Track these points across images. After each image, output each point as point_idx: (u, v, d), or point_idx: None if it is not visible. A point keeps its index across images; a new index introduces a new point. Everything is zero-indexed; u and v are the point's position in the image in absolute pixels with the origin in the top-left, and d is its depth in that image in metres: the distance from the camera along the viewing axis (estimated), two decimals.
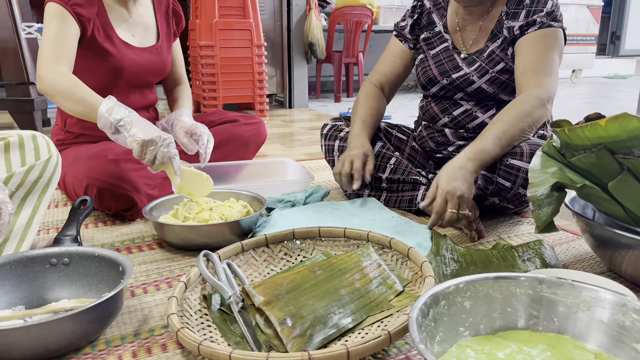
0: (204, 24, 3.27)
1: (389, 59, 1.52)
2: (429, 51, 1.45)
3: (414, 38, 1.49)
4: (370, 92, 1.49)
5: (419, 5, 1.49)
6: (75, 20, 1.37)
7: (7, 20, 2.16)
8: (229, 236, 1.16)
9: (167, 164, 1.21)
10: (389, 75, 1.51)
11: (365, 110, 1.45)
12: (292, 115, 3.72)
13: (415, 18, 1.48)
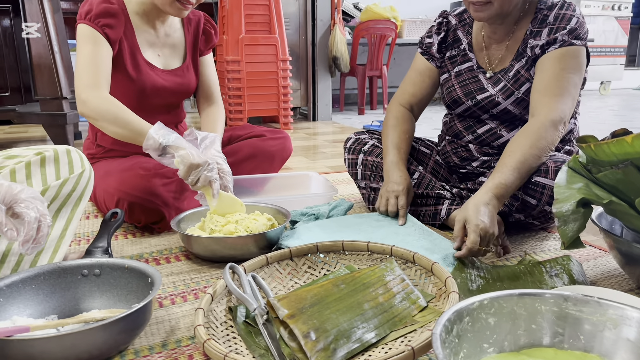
0: (230, 39, 3.34)
1: (418, 78, 1.50)
2: (452, 70, 1.45)
3: (440, 57, 1.48)
4: (400, 114, 1.47)
5: (445, 22, 1.48)
6: (108, 41, 1.41)
7: (42, 37, 2.25)
8: (254, 248, 1.18)
9: (207, 187, 1.26)
10: (419, 96, 1.49)
11: (399, 135, 1.42)
12: (315, 128, 3.75)
13: (443, 36, 1.47)
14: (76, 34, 1.43)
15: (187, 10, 1.46)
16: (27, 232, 0.78)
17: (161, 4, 1.44)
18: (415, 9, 5.07)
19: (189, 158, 1.23)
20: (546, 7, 1.31)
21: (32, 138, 3.29)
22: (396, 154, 1.39)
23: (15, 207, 0.79)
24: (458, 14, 1.48)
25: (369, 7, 4.31)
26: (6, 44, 3.69)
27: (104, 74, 1.39)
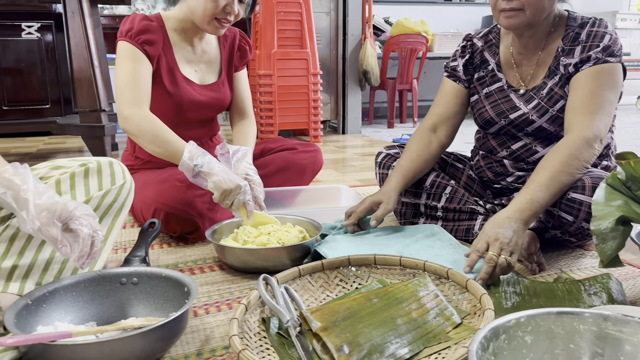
0: (263, 54, 3.39)
1: (443, 99, 1.49)
2: (482, 91, 1.44)
3: (468, 78, 1.47)
4: (417, 136, 1.46)
5: (469, 44, 1.47)
6: (147, 58, 1.45)
7: (83, 52, 2.33)
8: (286, 260, 1.19)
9: (241, 208, 1.30)
10: (444, 116, 1.47)
11: (407, 155, 1.43)
12: (345, 141, 3.77)
13: (467, 57, 1.46)
14: (117, 51, 1.48)
15: (224, 29, 1.50)
16: (82, 248, 0.82)
17: (200, 23, 1.48)
18: (446, 23, 5.06)
19: (221, 184, 1.27)
20: (577, 24, 1.29)
21: (71, 149, 3.40)
22: (395, 171, 1.40)
23: (70, 223, 0.83)
24: (483, 35, 1.47)
25: (400, 22, 4.33)
26: (48, 58, 3.85)
27: (145, 91, 1.43)
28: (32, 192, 0.82)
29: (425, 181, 1.44)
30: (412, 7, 4.94)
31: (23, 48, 3.76)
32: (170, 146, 1.34)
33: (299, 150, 1.82)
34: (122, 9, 4.59)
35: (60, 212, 0.82)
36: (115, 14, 4.54)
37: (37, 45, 3.79)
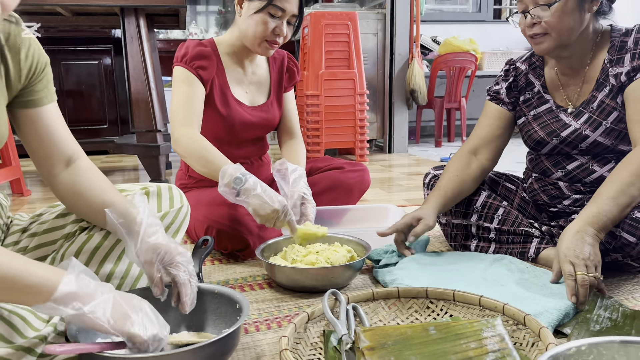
0: (311, 75, 3.45)
1: (486, 122, 1.47)
2: (529, 112, 1.41)
3: (512, 101, 1.44)
4: (457, 158, 1.45)
5: (512, 68, 1.45)
6: (201, 82, 1.52)
7: (141, 75, 2.45)
8: (335, 280, 1.19)
9: (285, 227, 1.33)
10: (486, 138, 1.45)
11: (446, 175, 1.42)
12: (391, 160, 3.75)
13: (511, 81, 1.44)
14: (173, 76, 1.55)
15: (274, 50, 1.56)
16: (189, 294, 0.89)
17: (250, 45, 1.54)
18: (495, 41, 4.99)
19: (259, 211, 1.28)
20: (621, 34, 1.26)
21: (126, 167, 3.55)
22: (433, 192, 1.39)
23: (170, 268, 0.88)
24: (526, 59, 1.45)
25: (448, 41, 4.30)
26: (107, 80, 4.05)
27: (196, 114, 1.49)
28: (143, 228, 0.88)
29: (476, 202, 1.41)
30: (461, 25, 4.91)
31: (84, 71, 3.97)
32: (214, 166, 1.37)
33: (347, 170, 1.83)
34: (176, 33, 4.79)
35: (163, 255, 0.88)
36: (170, 38, 4.75)
37: (96, 68, 4.01)
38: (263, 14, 1.48)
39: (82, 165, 0.99)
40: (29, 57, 0.92)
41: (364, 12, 3.90)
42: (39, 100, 0.94)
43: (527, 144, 1.44)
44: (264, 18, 1.48)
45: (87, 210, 0.98)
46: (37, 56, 0.94)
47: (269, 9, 1.47)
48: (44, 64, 0.96)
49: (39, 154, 0.96)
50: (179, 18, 2.81)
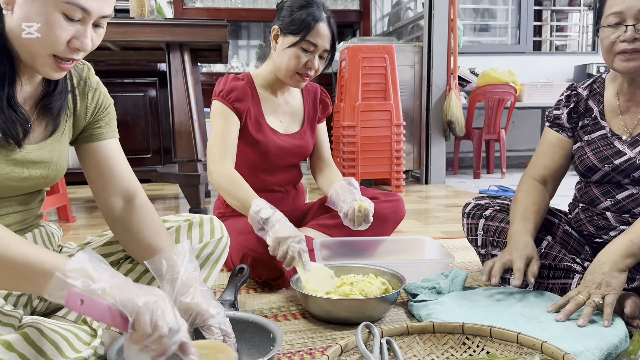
0: (347, 106, 3.50)
1: (549, 150, 1.43)
2: (583, 138, 1.39)
3: (572, 126, 1.42)
4: (529, 186, 1.40)
5: (574, 94, 1.43)
6: (235, 114, 1.60)
7: (184, 107, 2.54)
8: (369, 312, 1.19)
9: (297, 260, 1.30)
10: (552, 167, 1.42)
11: (527, 206, 1.35)
12: (428, 191, 3.72)
13: (572, 106, 1.42)
14: (211, 109, 1.65)
15: (305, 82, 1.64)
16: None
17: (283, 77, 1.63)
18: (535, 73, 4.93)
19: (277, 233, 1.30)
20: None
21: (167, 195, 3.64)
22: (521, 222, 1.32)
23: (203, 331, 0.89)
24: (587, 85, 1.43)
25: (487, 72, 4.29)
26: (151, 112, 4.21)
27: (230, 149, 1.58)
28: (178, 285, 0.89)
29: None
30: (500, 57, 4.89)
31: (130, 103, 4.15)
32: (241, 199, 1.45)
33: (381, 200, 1.83)
34: (218, 67, 4.96)
35: (194, 318, 0.89)
36: (212, 72, 4.92)
37: (142, 100, 4.17)
38: (296, 48, 1.57)
39: (138, 203, 1.04)
40: (94, 98, 1.04)
41: (401, 45, 3.95)
42: (101, 135, 1.04)
43: (577, 169, 1.41)
44: (296, 52, 1.57)
45: (133, 247, 1.03)
46: (102, 97, 1.05)
47: (302, 44, 1.56)
48: (108, 105, 1.07)
49: (97, 184, 1.03)
50: (221, 53, 2.92)
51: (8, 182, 0.91)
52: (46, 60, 0.85)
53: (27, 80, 0.92)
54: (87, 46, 0.86)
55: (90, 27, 0.86)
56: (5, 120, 0.86)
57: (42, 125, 0.96)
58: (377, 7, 5.41)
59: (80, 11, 0.82)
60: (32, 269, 0.69)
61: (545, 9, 5.86)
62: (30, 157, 0.93)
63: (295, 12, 1.57)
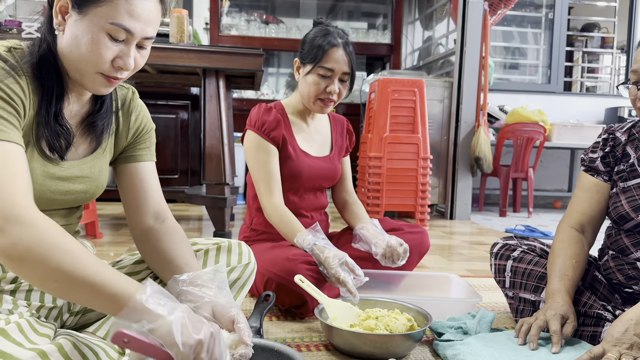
0: (375, 137, 3.51)
1: (585, 195, 1.39)
2: (619, 184, 1.35)
3: (608, 170, 1.39)
4: (567, 237, 1.35)
5: (611, 137, 1.40)
6: (272, 144, 1.66)
7: (216, 132, 2.59)
8: (394, 349, 1.17)
9: (343, 280, 1.38)
10: (590, 214, 1.38)
11: (565, 261, 1.30)
12: (452, 227, 3.68)
13: (608, 150, 1.39)
14: (245, 138, 1.72)
15: (329, 107, 1.71)
16: None
17: (307, 104, 1.71)
18: (566, 114, 4.90)
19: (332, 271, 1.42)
20: None
21: (191, 216, 3.68)
22: (558, 280, 1.26)
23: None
24: (626, 129, 1.40)
25: (516, 110, 4.28)
26: (182, 134, 4.30)
27: (275, 181, 1.66)
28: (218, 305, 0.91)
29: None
30: (529, 96, 4.88)
31: (162, 124, 4.24)
32: (288, 234, 1.58)
33: (405, 231, 1.83)
34: (249, 93, 5.06)
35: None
36: (242, 97, 5.02)
37: (174, 122, 4.27)
38: (313, 75, 1.64)
39: (168, 225, 1.07)
40: (137, 120, 1.09)
41: (431, 80, 3.98)
42: (140, 157, 1.08)
43: (610, 215, 1.37)
44: (314, 79, 1.64)
45: (161, 268, 1.04)
46: (145, 121, 1.10)
47: (318, 70, 1.64)
48: (150, 129, 1.11)
49: (131, 205, 1.07)
50: (254, 80, 2.98)
51: (51, 195, 0.94)
52: (94, 77, 0.90)
53: (75, 98, 0.97)
54: (129, 65, 0.90)
55: (134, 47, 0.90)
56: (51, 133, 0.91)
57: (86, 142, 1.01)
58: (408, 42, 5.48)
59: (123, 32, 0.87)
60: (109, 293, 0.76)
61: (577, 50, 5.85)
62: (73, 172, 0.97)
63: (314, 42, 1.65)
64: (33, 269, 0.75)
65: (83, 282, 0.75)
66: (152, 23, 0.90)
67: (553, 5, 4.95)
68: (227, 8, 5.30)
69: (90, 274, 0.75)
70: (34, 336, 0.78)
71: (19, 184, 0.78)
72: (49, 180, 0.93)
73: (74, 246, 0.77)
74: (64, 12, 0.88)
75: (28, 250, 0.73)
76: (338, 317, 1.28)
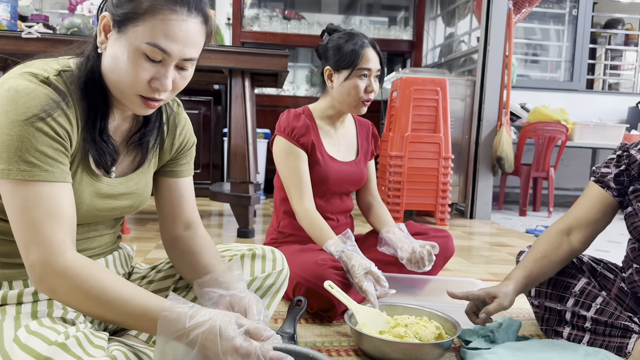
0: (396, 136, 3.52)
1: (586, 203, 1.41)
2: (637, 204, 1.34)
3: (619, 187, 1.38)
4: (547, 236, 1.40)
5: (625, 155, 1.38)
6: (302, 149, 1.69)
7: (241, 130, 2.63)
8: (422, 357, 1.19)
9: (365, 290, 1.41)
10: (583, 219, 1.39)
11: (532, 255, 1.37)
12: (472, 226, 3.68)
13: (623, 168, 1.37)
14: (275, 144, 1.75)
15: (366, 107, 1.73)
16: None
17: (348, 108, 1.73)
18: (588, 112, 4.84)
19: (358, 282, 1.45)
20: None
21: (212, 212, 3.74)
22: (515, 270, 1.36)
23: None
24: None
25: (538, 109, 4.24)
26: (204, 129, 4.35)
27: (306, 186, 1.69)
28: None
29: (575, 286, 1.37)
30: (552, 94, 4.83)
31: None
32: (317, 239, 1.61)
33: (430, 236, 1.85)
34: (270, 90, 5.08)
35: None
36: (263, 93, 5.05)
37: (197, 117, 4.32)
38: (352, 78, 1.66)
39: (199, 233, 1.10)
40: (182, 134, 1.10)
41: (453, 78, 3.96)
42: (180, 172, 1.10)
43: (631, 234, 1.38)
44: (354, 82, 1.67)
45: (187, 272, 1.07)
46: (189, 135, 1.11)
47: (357, 73, 1.66)
48: (192, 144, 1.13)
49: (167, 217, 1.09)
50: (277, 79, 3.01)
51: (97, 212, 0.97)
52: (133, 98, 0.89)
53: (119, 114, 0.98)
54: (167, 87, 0.88)
55: (172, 68, 0.88)
56: (97, 149, 0.92)
57: (131, 157, 1.02)
58: (430, 38, 5.44)
59: (160, 53, 0.85)
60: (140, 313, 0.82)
61: (600, 47, 5.76)
62: (119, 190, 0.99)
63: (342, 48, 1.68)
64: (75, 307, 0.84)
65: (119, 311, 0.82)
66: (193, 44, 0.88)
67: (577, 1, 4.88)
68: (249, 3, 5.32)
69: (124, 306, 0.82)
70: (90, 348, 0.81)
71: (59, 229, 0.82)
72: (96, 199, 0.95)
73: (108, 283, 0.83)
74: (107, 30, 0.88)
75: (66, 296, 0.82)
76: (367, 323, 1.31)
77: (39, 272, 0.80)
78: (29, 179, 0.81)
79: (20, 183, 0.81)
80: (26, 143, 0.80)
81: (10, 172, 0.80)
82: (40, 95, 0.82)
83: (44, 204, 0.81)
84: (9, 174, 0.80)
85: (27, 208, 0.81)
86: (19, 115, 0.80)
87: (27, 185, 0.81)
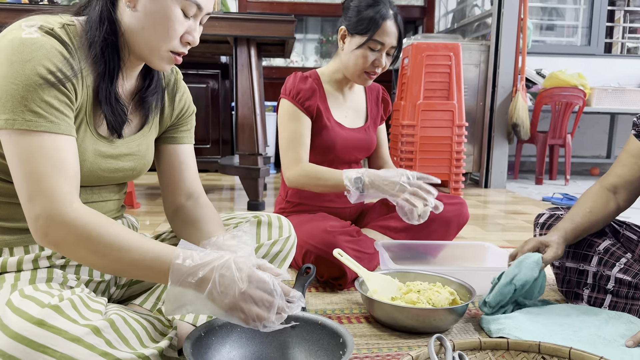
0: (408, 105, 3.44)
1: (629, 160, 1.34)
2: None
3: None
4: (594, 192, 1.35)
5: None
6: (306, 114, 1.62)
7: (248, 101, 2.57)
8: (437, 323, 1.16)
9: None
10: (627, 177, 1.33)
11: (579, 209, 1.32)
12: (487, 195, 3.61)
13: None
14: (279, 108, 1.68)
15: (371, 80, 1.66)
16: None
17: (351, 76, 1.65)
18: (606, 77, 4.68)
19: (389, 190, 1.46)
20: None
21: (224, 186, 3.71)
22: (562, 223, 1.31)
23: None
24: None
25: (554, 74, 4.11)
26: (212, 103, 4.29)
27: (304, 149, 1.62)
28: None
29: (599, 245, 1.31)
30: (568, 58, 4.67)
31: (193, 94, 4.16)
32: (330, 182, 1.53)
33: (444, 202, 1.77)
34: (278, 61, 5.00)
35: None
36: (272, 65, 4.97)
37: (204, 91, 4.26)
38: (363, 48, 1.58)
39: (201, 202, 1.08)
40: (181, 101, 1.10)
41: (467, 44, 3.84)
42: (180, 139, 1.09)
43: None
44: (364, 52, 1.58)
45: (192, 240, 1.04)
46: (188, 102, 1.11)
47: (369, 44, 1.57)
48: (192, 112, 1.12)
49: (169, 186, 1.08)
50: (284, 48, 2.93)
51: (100, 172, 0.94)
52: (164, 54, 0.90)
53: (127, 75, 0.97)
54: (197, 40, 0.92)
55: (198, 23, 0.92)
56: (112, 112, 0.91)
57: (135, 118, 1.01)
58: (442, 3, 5.29)
59: (195, 7, 0.88)
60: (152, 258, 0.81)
61: (619, 9, 5.55)
62: (122, 150, 0.98)
63: (363, 12, 1.57)
64: (82, 259, 0.81)
65: (130, 259, 0.80)
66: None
67: None
68: None
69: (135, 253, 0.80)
70: (87, 312, 0.79)
71: (64, 181, 0.79)
72: (99, 158, 0.93)
73: (118, 231, 0.81)
74: None
75: (75, 247, 0.79)
76: (378, 289, 1.27)
77: (43, 224, 0.77)
78: (34, 129, 0.78)
79: (25, 133, 0.78)
80: (32, 93, 0.78)
81: (15, 122, 0.78)
82: (46, 46, 0.81)
83: (48, 155, 0.79)
84: (13, 123, 0.78)
85: (32, 159, 0.78)
86: (25, 64, 0.78)
87: (32, 136, 0.78)
